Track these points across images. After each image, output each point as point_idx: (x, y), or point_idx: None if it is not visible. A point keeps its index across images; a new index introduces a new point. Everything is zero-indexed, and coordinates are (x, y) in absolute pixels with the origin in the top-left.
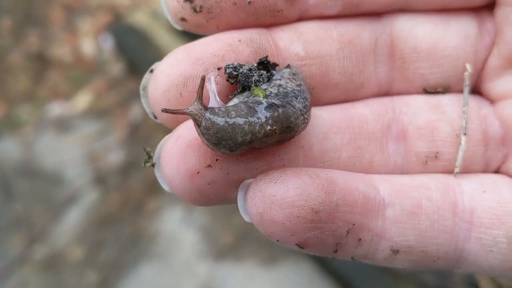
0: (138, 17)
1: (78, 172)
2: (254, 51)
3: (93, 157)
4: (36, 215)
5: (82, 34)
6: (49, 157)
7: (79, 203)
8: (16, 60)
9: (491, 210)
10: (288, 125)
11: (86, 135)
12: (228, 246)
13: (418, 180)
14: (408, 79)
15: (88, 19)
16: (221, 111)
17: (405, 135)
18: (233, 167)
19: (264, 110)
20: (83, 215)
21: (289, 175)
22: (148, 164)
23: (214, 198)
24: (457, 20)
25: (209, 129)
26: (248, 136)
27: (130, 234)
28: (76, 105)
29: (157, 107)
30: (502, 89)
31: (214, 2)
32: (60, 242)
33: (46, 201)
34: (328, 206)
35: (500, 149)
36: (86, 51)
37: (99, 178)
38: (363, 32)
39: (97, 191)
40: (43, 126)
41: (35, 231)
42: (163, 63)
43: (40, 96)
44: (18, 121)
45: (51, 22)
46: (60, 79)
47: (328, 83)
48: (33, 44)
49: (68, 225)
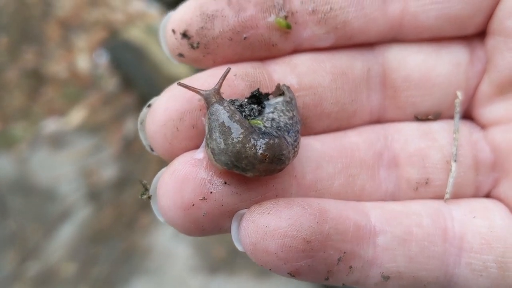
0: (133, 33)
1: (71, 188)
2: (249, 84)
3: (87, 173)
4: (29, 231)
5: (77, 50)
6: (43, 173)
7: (72, 219)
8: (11, 77)
9: (481, 235)
10: (280, 157)
11: (80, 150)
12: (221, 260)
13: (409, 206)
14: (399, 107)
15: (84, 36)
16: (230, 109)
17: (396, 162)
18: (227, 198)
19: (262, 134)
20: (76, 231)
21: (281, 205)
22: (144, 196)
23: (208, 229)
24: (449, 48)
25: (213, 114)
26: (238, 146)
27: (123, 250)
28: (71, 121)
29: (154, 141)
30: (493, 115)
31: (211, 38)
32: (53, 258)
33: (40, 217)
34: (319, 236)
35: (490, 174)
36: (81, 67)
37: (92, 193)
38: (356, 62)
39: (90, 207)
40: (38, 142)
41: (28, 248)
42: (160, 98)
43: (35, 113)
44: (13, 138)
45: (47, 39)
46: (56, 95)
47: (322, 113)
48: (29, 60)
49: (61, 241)
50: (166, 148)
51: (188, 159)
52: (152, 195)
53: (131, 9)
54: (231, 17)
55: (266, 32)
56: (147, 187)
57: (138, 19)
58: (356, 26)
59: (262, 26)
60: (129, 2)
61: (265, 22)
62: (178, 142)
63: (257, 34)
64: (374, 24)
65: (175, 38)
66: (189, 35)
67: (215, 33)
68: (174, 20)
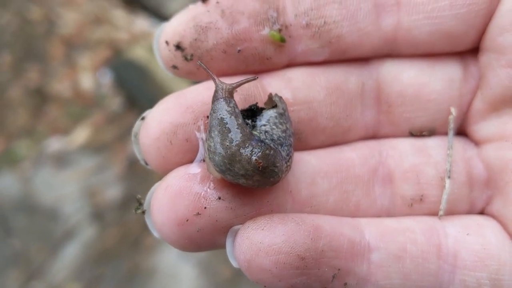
0: (137, 52)
1: (75, 208)
2: (243, 98)
3: (91, 192)
4: (33, 251)
5: (81, 69)
6: (47, 192)
7: (77, 239)
8: (15, 95)
9: (475, 253)
10: (273, 169)
11: (84, 170)
12: (227, 280)
13: (404, 223)
14: (394, 122)
15: (88, 54)
16: (234, 111)
17: (391, 178)
18: (221, 214)
19: (260, 142)
20: (81, 251)
21: (276, 222)
22: (139, 211)
23: (203, 245)
24: (442, 64)
25: (215, 111)
26: (234, 148)
27: (128, 270)
28: (75, 140)
29: (148, 155)
30: (486, 132)
31: (205, 50)
32: (58, 278)
33: (44, 236)
34: (314, 253)
35: (484, 191)
36: (85, 86)
37: (96, 213)
38: (350, 77)
39: (95, 227)
40: (42, 161)
41: (32, 268)
42: (154, 111)
43: (39, 131)
44: (16, 157)
45: (50, 57)
46: (59, 114)
47: (316, 128)
48: (33, 79)
49: (66, 261)
50: (159, 162)
51: (182, 174)
52: (147, 210)
53: (135, 29)
54: (225, 30)
55: (260, 45)
56: (142, 201)
57: (141, 38)
58: (350, 40)
59: (256, 39)
60: (133, 21)
61: (259, 35)
62: (172, 155)
63: (251, 47)
64: (368, 38)
65: (168, 50)
66: (182, 47)
67: (209, 45)
68: (168, 31)
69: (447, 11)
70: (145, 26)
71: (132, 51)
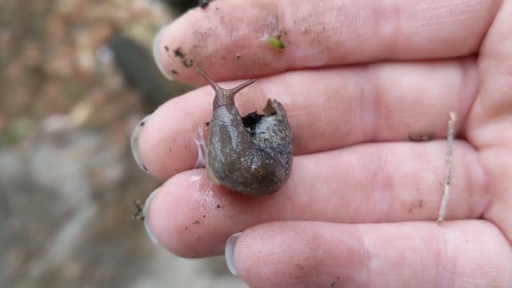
0: (136, 31)
1: (75, 187)
2: (242, 104)
3: (91, 172)
4: (33, 231)
5: (80, 47)
6: (46, 171)
7: (76, 219)
8: (14, 74)
9: (473, 260)
10: (272, 179)
11: (84, 149)
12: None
13: (403, 229)
14: (393, 127)
15: (87, 33)
16: (235, 119)
17: (390, 183)
18: (220, 222)
19: (260, 151)
20: (80, 231)
21: (275, 230)
22: (138, 217)
23: (202, 252)
24: (442, 69)
25: (217, 118)
26: (234, 156)
27: (128, 251)
28: (74, 119)
29: (147, 161)
30: (485, 137)
31: (204, 56)
32: (57, 258)
33: (43, 216)
34: (313, 261)
35: (484, 196)
36: (84, 64)
37: (96, 193)
38: (349, 82)
39: (94, 207)
40: (41, 140)
41: (31, 247)
42: (153, 117)
43: (38, 110)
44: (15, 136)
45: (49, 35)
46: (58, 92)
47: (315, 133)
48: (31, 57)
49: (65, 241)
50: (159, 168)
51: (181, 181)
52: (146, 216)
53: (134, 7)
54: (224, 36)
55: (259, 51)
56: (141, 207)
57: (141, 17)
58: (349, 46)
59: (255, 46)
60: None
61: (258, 42)
62: (171, 162)
63: (250, 53)
64: (367, 44)
65: (168, 56)
66: (182, 53)
67: (208, 51)
68: (167, 37)
69: (446, 18)
70: (145, 5)
71: (131, 30)
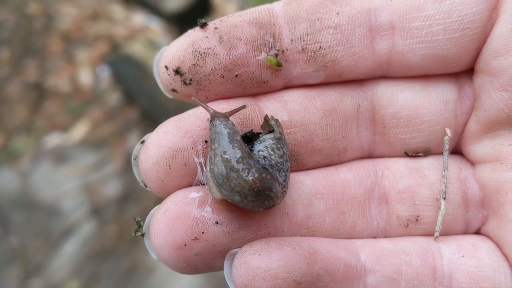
0: (135, 47)
1: (74, 204)
2: (240, 121)
3: (90, 188)
4: (32, 247)
5: (80, 64)
6: (46, 188)
7: (76, 235)
8: (14, 91)
9: (469, 275)
10: (268, 194)
11: (83, 166)
12: None
13: (399, 245)
14: (389, 143)
15: (86, 50)
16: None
17: (387, 199)
18: (219, 238)
19: (258, 164)
20: (80, 247)
21: (272, 246)
22: (138, 234)
23: (201, 268)
24: (437, 85)
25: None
26: (232, 162)
27: (127, 267)
28: (74, 136)
29: (147, 178)
30: (481, 153)
31: (203, 75)
32: (57, 275)
33: (43, 233)
34: (310, 277)
35: (480, 211)
36: (83, 81)
37: (96, 209)
38: (346, 99)
39: (94, 223)
40: (40, 157)
41: (31, 264)
42: (153, 135)
43: (38, 127)
44: (15, 152)
45: (49, 53)
46: (58, 109)
47: (313, 149)
48: (31, 74)
49: (65, 258)
50: (159, 185)
51: (181, 198)
52: (146, 233)
53: (132, 24)
54: (223, 55)
55: (257, 69)
56: (141, 224)
57: (139, 33)
58: (345, 64)
59: (253, 64)
60: (131, 16)
61: (256, 60)
62: (171, 179)
63: (248, 72)
64: (363, 62)
65: (168, 74)
66: (181, 71)
67: (207, 70)
68: (167, 56)
69: (441, 35)
70: (143, 21)
71: (130, 46)
